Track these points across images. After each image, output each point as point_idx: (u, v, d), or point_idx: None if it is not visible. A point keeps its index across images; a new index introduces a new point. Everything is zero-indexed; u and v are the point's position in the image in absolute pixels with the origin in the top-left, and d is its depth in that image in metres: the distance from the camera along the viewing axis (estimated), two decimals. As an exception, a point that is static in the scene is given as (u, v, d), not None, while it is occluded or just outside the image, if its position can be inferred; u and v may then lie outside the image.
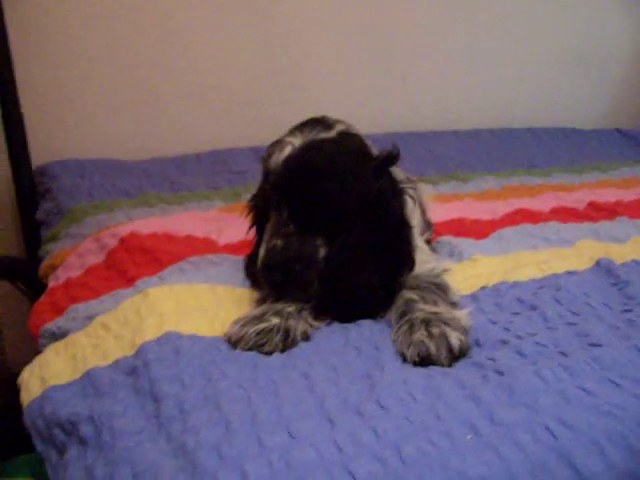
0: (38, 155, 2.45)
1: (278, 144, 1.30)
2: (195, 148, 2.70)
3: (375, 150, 1.38)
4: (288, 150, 1.26)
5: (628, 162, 2.97)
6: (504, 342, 1.13)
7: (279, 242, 1.25)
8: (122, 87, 2.60)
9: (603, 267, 1.48)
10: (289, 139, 1.29)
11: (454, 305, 1.28)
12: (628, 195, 2.29)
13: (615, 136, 3.42)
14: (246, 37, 2.74)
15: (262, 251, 1.27)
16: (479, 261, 1.57)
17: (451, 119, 3.18)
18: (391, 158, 1.33)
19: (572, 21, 3.41)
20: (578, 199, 2.23)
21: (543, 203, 2.18)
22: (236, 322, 1.21)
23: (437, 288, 1.31)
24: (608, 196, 2.27)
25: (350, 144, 1.32)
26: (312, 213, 1.26)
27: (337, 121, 1.36)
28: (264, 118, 2.78)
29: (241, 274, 1.46)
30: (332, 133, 1.31)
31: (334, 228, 1.26)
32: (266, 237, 1.29)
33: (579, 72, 3.49)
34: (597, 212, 2.07)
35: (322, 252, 1.26)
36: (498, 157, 2.90)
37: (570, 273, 1.45)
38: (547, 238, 1.76)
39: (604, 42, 3.51)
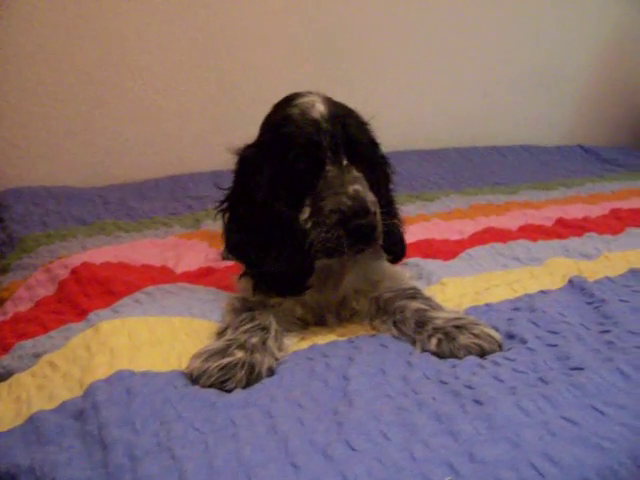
0: (-11, 184, 2.35)
1: (298, 106, 1.29)
2: (154, 174, 2.63)
3: None
4: (319, 104, 1.28)
5: (592, 177, 2.99)
6: (481, 366, 1.06)
7: (357, 186, 1.20)
8: (77, 112, 2.52)
9: (576, 285, 1.43)
10: (306, 99, 1.30)
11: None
12: (595, 211, 2.28)
13: (578, 152, 3.46)
14: (205, 62, 2.70)
15: (344, 199, 1.17)
16: (448, 285, 1.52)
17: (414, 139, 3.16)
18: None
19: (533, 42, 3.45)
20: (546, 216, 2.22)
21: (511, 221, 2.15)
22: (198, 356, 1.12)
23: (418, 293, 1.35)
24: (576, 212, 2.25)
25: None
26: (364, 154, 1.28)
27: None
28: (223, 143, 2.71)
29: (198, 303, 1.37)
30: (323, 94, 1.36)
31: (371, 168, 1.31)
32: (332, 189, 1.20)
33: (541, 91, 3.53)
34: (566, 228, 2.05)
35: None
36: (463, 176, 2.88)
37: (543, 292, 1.40)
38: (517, 257, 1.73)
39: (564, 62, 3.57)
